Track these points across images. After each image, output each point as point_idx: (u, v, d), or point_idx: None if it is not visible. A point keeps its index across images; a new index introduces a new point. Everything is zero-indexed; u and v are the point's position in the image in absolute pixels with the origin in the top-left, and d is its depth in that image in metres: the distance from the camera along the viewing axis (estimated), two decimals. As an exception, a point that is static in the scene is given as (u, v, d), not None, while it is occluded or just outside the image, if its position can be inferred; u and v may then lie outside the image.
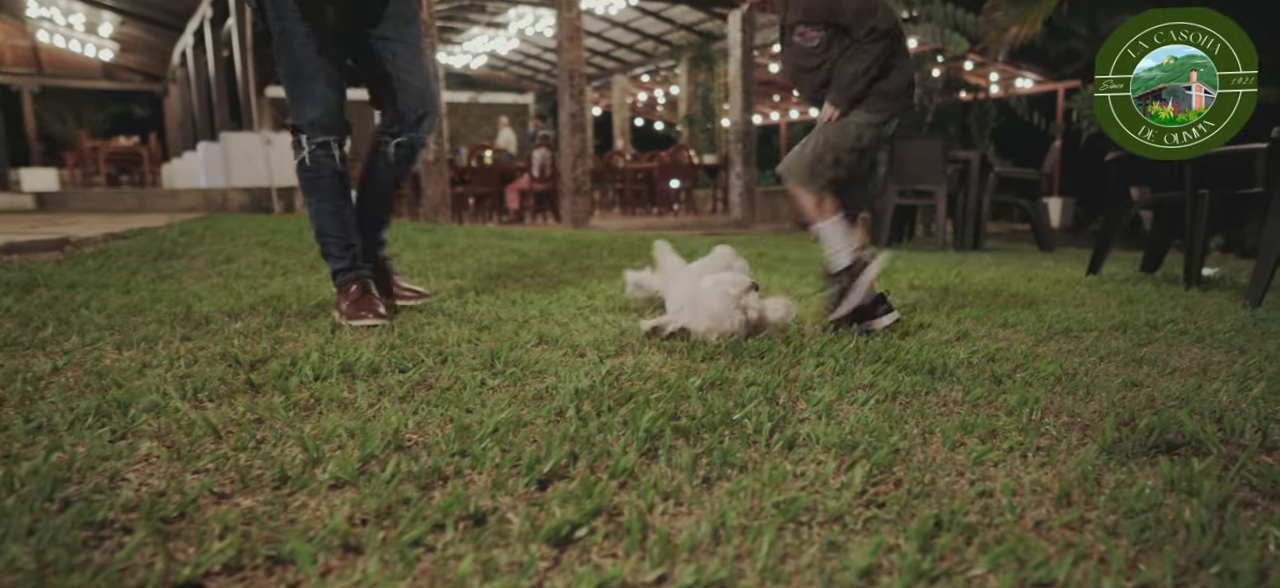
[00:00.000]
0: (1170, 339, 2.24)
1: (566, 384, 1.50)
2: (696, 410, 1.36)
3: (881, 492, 1.05)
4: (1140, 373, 1.81)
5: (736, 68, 11.38)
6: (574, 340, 1.99)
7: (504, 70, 19.53)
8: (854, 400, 1.49)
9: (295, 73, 2.23)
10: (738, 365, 1.76)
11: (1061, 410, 1.45)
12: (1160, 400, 1.53)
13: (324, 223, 2.32)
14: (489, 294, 2.89)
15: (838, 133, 2.14)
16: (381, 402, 1.40)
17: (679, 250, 4.90)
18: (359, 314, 2.21)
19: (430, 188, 10.21)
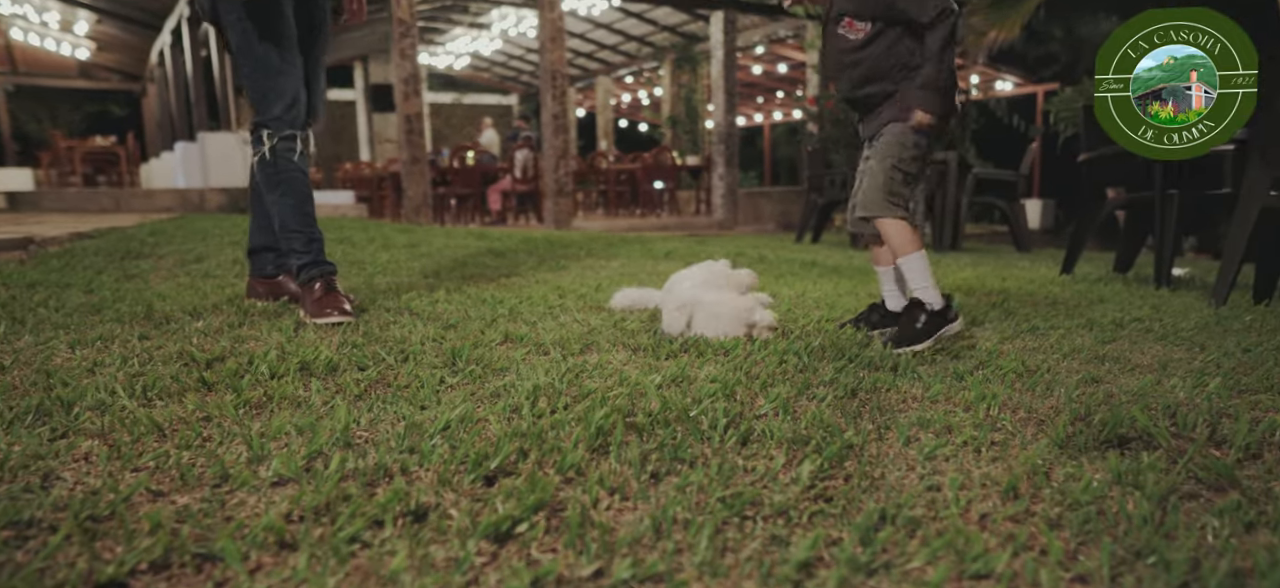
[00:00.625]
0: (1134, 337, 2.26)
1: (525, 382, 1.49)
2: (653, 406, 1.35)
3: (830, 486, 1.04)
4: (1101, 369, 1.82)
5: (719, 69, 11.40)
6: (539, 339, 1.98)
7: (487, 71, 19.46)
8: (813, 396, 1.48)
9: (260, 70, 2.21)
10: (701, 362, 1.75)
11: (1019, 406, 1.46)
12: (1117, 396, 1.54)
13: (286, 218, 2.29)
14: (460, 293, 2.87)
15: (895, 147, 2.02)
16: (335, 400, 1.38)
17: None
18: (324, 312, 2.18)
19: (411, 188, 10.15)
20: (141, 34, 13.62)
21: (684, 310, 2.03)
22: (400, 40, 9.86)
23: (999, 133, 12.35)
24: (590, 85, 18.56)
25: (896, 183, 2.02)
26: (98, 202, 9.03)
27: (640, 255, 4.75)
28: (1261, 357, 1.94)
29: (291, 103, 2.24)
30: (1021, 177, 7.33)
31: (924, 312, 1.98)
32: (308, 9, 2.37)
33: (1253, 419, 1.37)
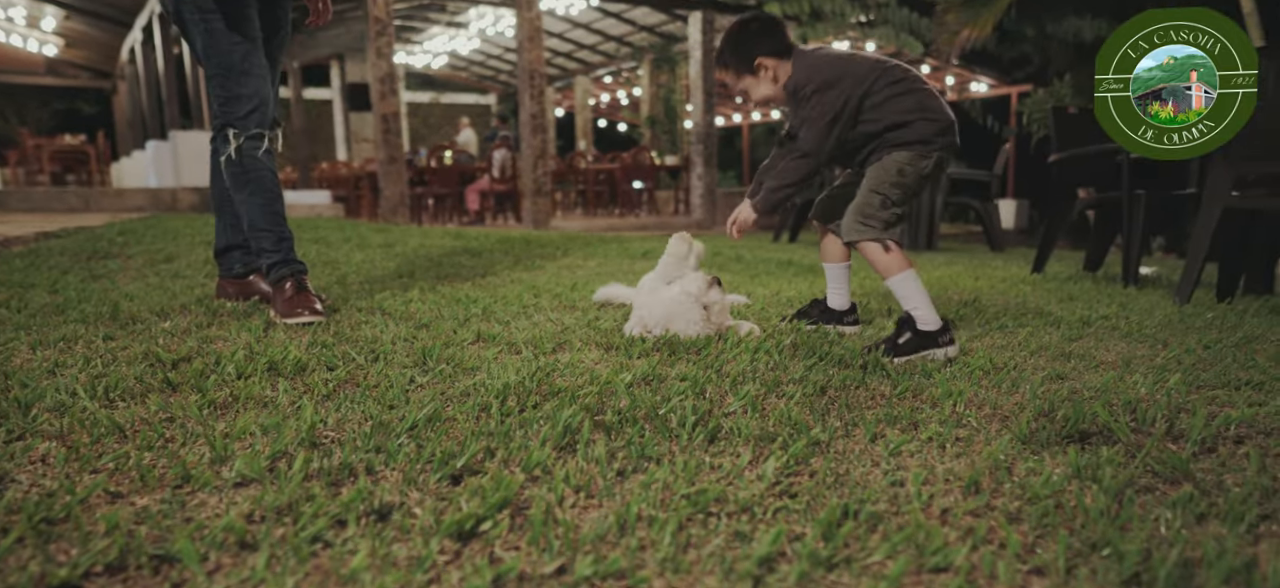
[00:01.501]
0: (1100, 334, 2.30)
1: (495, 381, 1.48)
2: (623, 404, 1.35)
3: (795, 482, 1.05)
4: (1066, 366, 1.85)
5: (697, 70, 11.43)
6: (512, 338, 1.97)
7: (465, 70, 19.36)
8: (782, 394, 1.50)
9: (226, 70, 2.18)
10: (672, 361, 1.76)
11: (984, 403, 1.48)
12: (1081, 392, 1.57)
13: (255, 217, 2.27)
14: (434, 293, 2.85)
15: (876, 172, 2.04)
16: (302, 400, 1.37)
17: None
18: (294, 312, 2.16)
19: (388, 188, 10.07)
20: (111, 30, 13.39)
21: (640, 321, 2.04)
22: (376, 39, 9.79)
23: (973, 133, 12.49)
24: (569, 85, 18.52)
25: (873, 208, 2.01)
26: (66, 201, 8.87)
27: (617, 255, 4.76)
28: (1220, 353, 1.98)
29: (258, 103, 2.21)
30: (995, 177, 7.43)
31: (911, 330, 1.94)
32: (271, 9, 2.35)
33: (1209, 414, 1.40)
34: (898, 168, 2.01)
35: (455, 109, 20.40)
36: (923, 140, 2.01)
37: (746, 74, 2.09)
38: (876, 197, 2.01)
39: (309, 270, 2.36)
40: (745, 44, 2.07)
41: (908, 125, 2.01)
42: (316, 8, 2.39)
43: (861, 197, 2.04)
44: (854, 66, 2.02)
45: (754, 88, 2.11)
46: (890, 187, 2.01)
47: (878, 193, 2.01)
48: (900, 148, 2.02)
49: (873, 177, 2.04)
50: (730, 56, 2.11)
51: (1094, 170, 4.63)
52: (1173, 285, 3.89)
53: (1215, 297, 3.19)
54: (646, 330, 2.00)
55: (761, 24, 2.10)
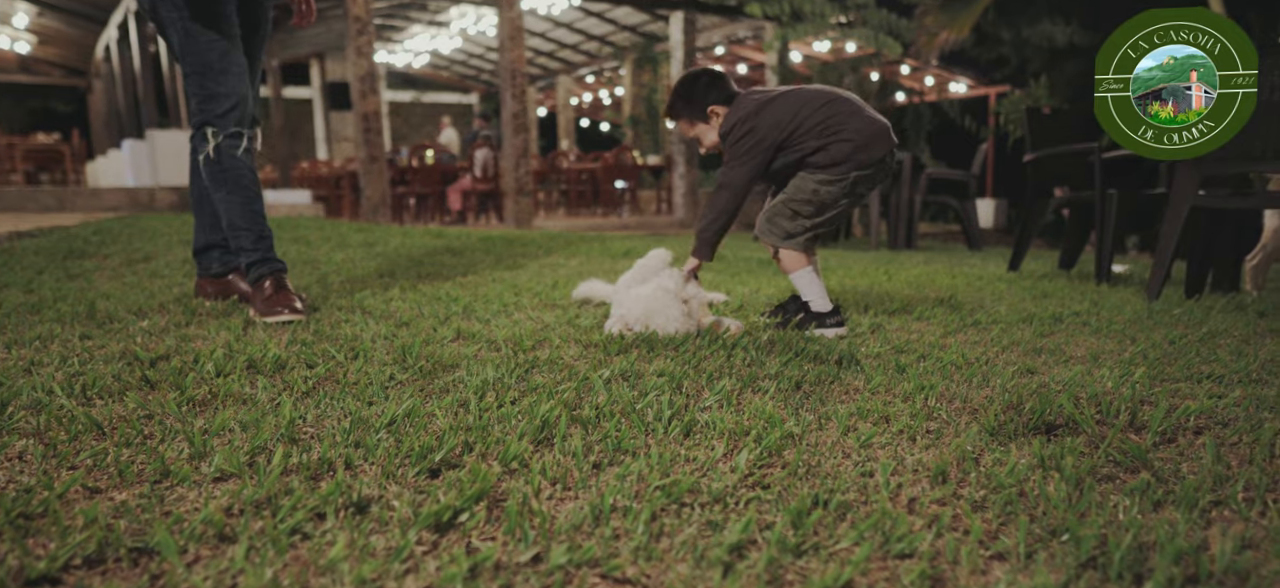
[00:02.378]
0: (1071, 330, 2.35)
1: (474, 377, 1.50)
2: (600, 400, 1.37)
3: (767, 474, 1.07)
4: (1037, 361, 1.89)
5: (679, 69, 11.46)
6: (492, 336, 1.99)
7: (447, 69, 19.28)
8: (758, 389, 1.52)
9: (204, 68, 2.18)
10: (651, 357, 1.78)
11: (955, 396, 1.51)
12: (1049, 386, 1.61)
13: (233, 216, 2.27)
14: (414, 292, 2.85)
15: (793, 189, 2.24)
16: (282, 397, 1.37)
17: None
18: (274, 310, 2.16)
19: (369, 188, 10.02)
20: (86, 28, 13.21)
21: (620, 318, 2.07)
22: (356, 38, 9.73)
23: (952, 134, 12.63)
24: (551, 85, 18.50)
25: (782, 216, 2.26)
26: (40, 200, 8.75)
27: (599, 254, 4.77)
28: (1185, 348, 2.03)
29: (237, 101, 2.21)
30: (973, 176, 7.52)
31: (803, 310, 2.27)
32: (251, 7, 2.34)
33: (1170, 406, 1.45)
34: (812, 188, 2.23)
35: (437, 108, 20.30)
36: (836, 163, 2.19)
37: (699, 121, 2.32)
38: (787, 208, 2.26)
39: (289, 269, 2.36)
40: (698, 94, 2.31)
41: (823, 149, 2.20)
42: (300, 8, 2.39)
43: (776, 204, 2.28)
44: (775, 112, 2.22)
45: (705, 134, 2.34)
46: (802, 202, 2.24)
47: (789, 205, 2.25)
48: (818, 170, 2.21)
49: (790, 190, 2.27)
50: (683, 107, 2.34)
51: (1067, 170, 4.70)
52: (1144, 283, 3.97)
53: (1184, 293, 3.25)
54: (627, 327, 2.03)
55: (711, 77, 2.31)
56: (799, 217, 2.24)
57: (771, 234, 2.28)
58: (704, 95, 2.29)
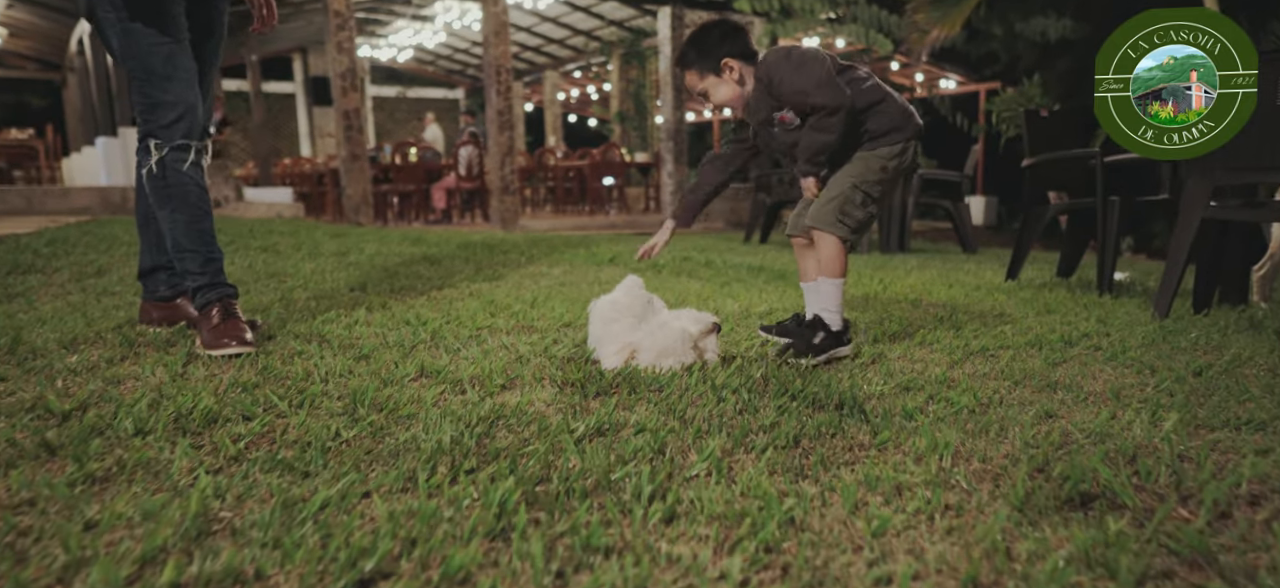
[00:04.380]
0: (1084, 358, 2.19)
1: (430, 438, 1.32)
2: (573, 466, 1.20)
3: (765, 580, 0.90)
4: (1054, 400, 1.73)
5: (667, 65, 11.28)
6: (458, 373, 1.80)
7: (432, 64, 19.00)
8: (751, 447, 1.35)
9: (147, 74, 1.98)
10: (633, 402, 1.60)
11: (972, 455, 1.34)
12: (1074, 436, 1.45)
13: (178, 236, 2.07)
14: (383, 311, 2.66)
15: (862, 168, 2.04)
16: (201, 469, 1.19)
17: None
18: (221, 342, 1.97)
19: (351, 187, 9.78)
20: (58, 20, 12.87)
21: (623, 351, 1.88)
22: (337, 33, 9.48)
23: (943, 131, 12.51)
24: (538, 80, 18.26)
25: (855, 204, 2.03)
26: (9, 202, 8.46)
27: (584, 261, 4.59)
28: (1213, 382, 1.88)
29: (184, 111, 2.01)
30: (966, 177, 7.38)
31: (823, 329, 2.05)
32: (203, 7, 2.14)
33: (1216, 465, 1.28)
34: (881, 164, 2.02)
35: (422, 104, 20.02)
36: (894, 129, 2.01)
37: (710, 74, 2.08)
38: (858, 193, 2.02)
39: (246, 289, 2.17)
40: (713, 44, 2.07)
41: (883, 117, 2.01)
42: (260, 13, 2.19)
43: (843, 189, 2.03)
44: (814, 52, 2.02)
45: (716, 89, 2.09)
46: (873, 183, 2.02)
47: (861, 189, 2.02)
48: (881, 142, 2.02)
49: (856, 171, 2.03)
50: (696, 57, 2.10)
51: (1066, 175, 4.57)
52: (1148, 292, 3.83)
53: (1192, 308, 3.11)
54: (629, 362, 1.85)
55: (730, 26, 2.10)
56: (870, 201, 2.02)
57: (842, 225, 2.01)
58: (718, 45, 2.04)
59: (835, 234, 2.02)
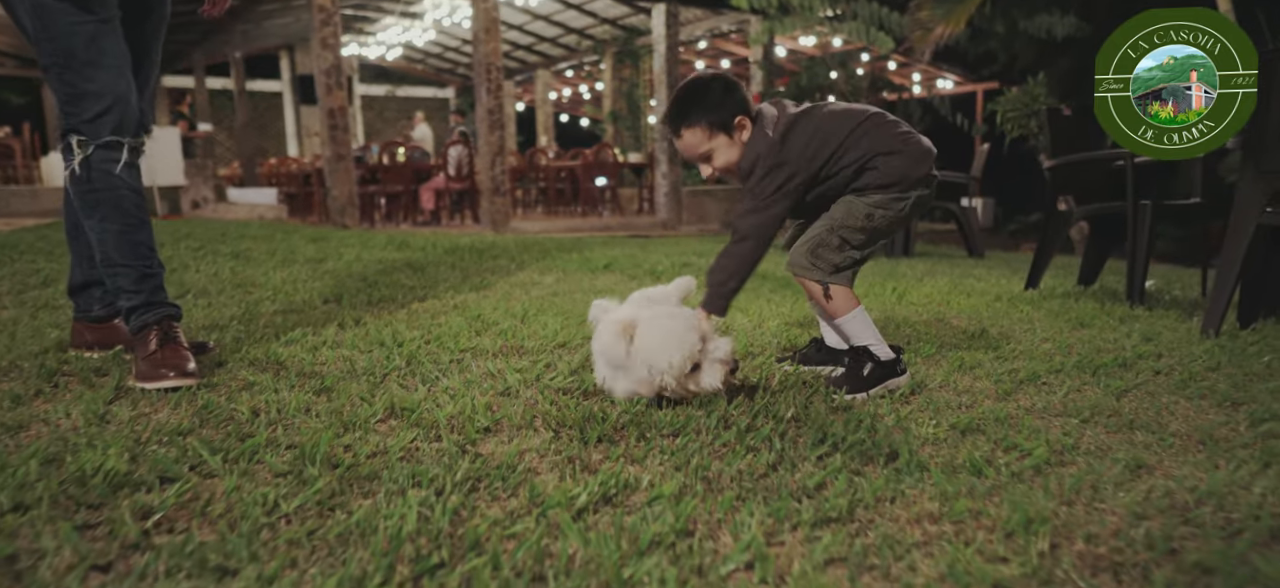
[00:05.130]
0: (1148, 386, 1.93)
1: (392, 515, 1.04)
2: (574, 554, 0.92)
3: None
4: (1136, 444, 1.46)
5: (661, 64, 11.00)
6: (433, 414, 1.52)
7: (422, 63, 18.67)
8: (797, 521, 1.07)
9: (66, 59, 1.69)
10: (644, 453, 1.33)
11: (1073, 530, 1.07)
12: (1183, 500, 1.18)
13: (108, 248, 1.78)
14: (356, 328, 2.38)
15: (844, 212, 1.83)
16: (85, 563, 0.90)
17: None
18: (157, 374, 1.68)
19: (336, 187, 9.47)
20: (35, 16, 12.45)
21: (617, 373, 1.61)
22: (321, 29, 9.17)
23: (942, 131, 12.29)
24: (530, 79, 17.96)
25: (829, 248, 1.84)
26: (-25, 202, 8.12)
27: (578, 267, 4.31)
28: (1316, 422, 1.61)
29: (113, 102, 1.72)
30: (973, 179, 7.14)
31: (871, 360, 1.84)
32: None
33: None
34: (866, 212, 1.82)
35: (412, 103, 19.67)
36: (892, 182, 1.80)
37: (721, 133, 1.81)
38: (835, 237, 1.84)
39: (207, 302, 1.88)
40: (720, 97, 1.80)
41: (871, 169, 1.80)
42: None
43: (820, 230, 1.85)
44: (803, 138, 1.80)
45: (724, 150, 1.83)
46: (854, 230, 1.83)
47: (838, 233, 1.83)
48: (870, 192, 1.82)
49: (839, 214, 1.85)
50: (703, 113, 1.80)
51: (1087, 178, 4.33)
52: (1178, 303, 3.58)
53: (1238, 322, 2.86)
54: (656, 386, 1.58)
55: (731, 80, 1.85)
56: (848, 247, 1.83)
57: (816, 269, 1.84)
58: (727, 98, 1.79)
59: (810, 279, 1.86)
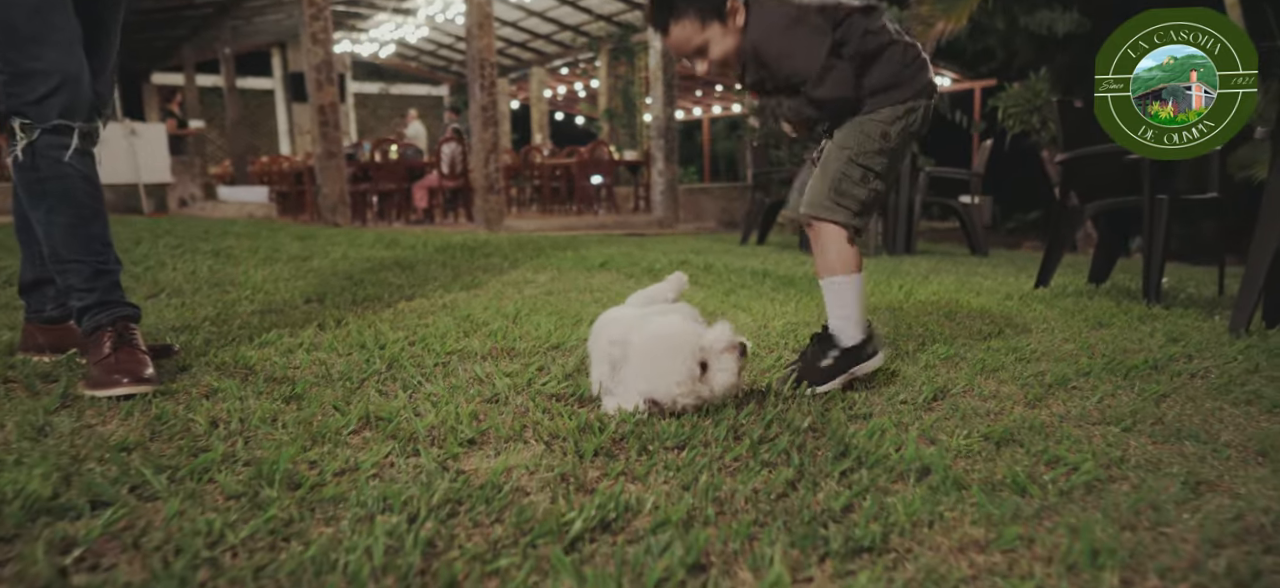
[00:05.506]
0: (1187, 390, 1.79)
1: (355, 548, 0.89)
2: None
3: None
4: (1191, 457, 1.33)
5: (657, 60, 10.85)
6: (412, 425, 1.37)
7: (416, 60, 18.50)
8: (825, 554, 0.93)
9: (8, 34, 1.53)
10: (646, 468, 1.18)
11: (1146, 563, 0.93)
12: (1252, 520, 1.04)
13: (56, 242, 1.63)
14: (337, 329, 2.23)
15: (857, 138, 1.64)
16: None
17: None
18: (109, 381, 1.53)
19: (326, 185, 9.30)
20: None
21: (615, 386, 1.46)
22: (311, 23, 9.01)
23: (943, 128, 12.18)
24: (524, 76, 17.80)
25: (851, 180, 1.64)
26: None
27: (572, 266, 4.16)
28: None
29: (61, 82, 1.57)
30: (976, 175, 7.02)
31: (835, 348, 1.67)
32: None
33: None
34: (881, 130, 1.63)
35: (406, 100, 19.48)
36: (892, 84, 1.63)
37: (713, 21, 1.62)
38: (856, 167, 1.63)
39: (181, 302, 1.73)
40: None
41: (883, 69, 1.63)
42: None
43: (836, 164, 1.64)
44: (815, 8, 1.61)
45: (719, 40, 1.64)
46: (874, 155, 1.63)
47: (858, 163, 1.63)
48: (881, 103, 1.63)
49: (851, 140, 1.64)
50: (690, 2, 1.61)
51: (1098, 172, 4.21)
52: (1195, 301, 3.46)
53: (1265, 322, 2.73)
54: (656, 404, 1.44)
55: None
56: (872, 176, 1.64)
57: (841, 208, 1.63)
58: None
59: (833, 220, 1.65)
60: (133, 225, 5.44)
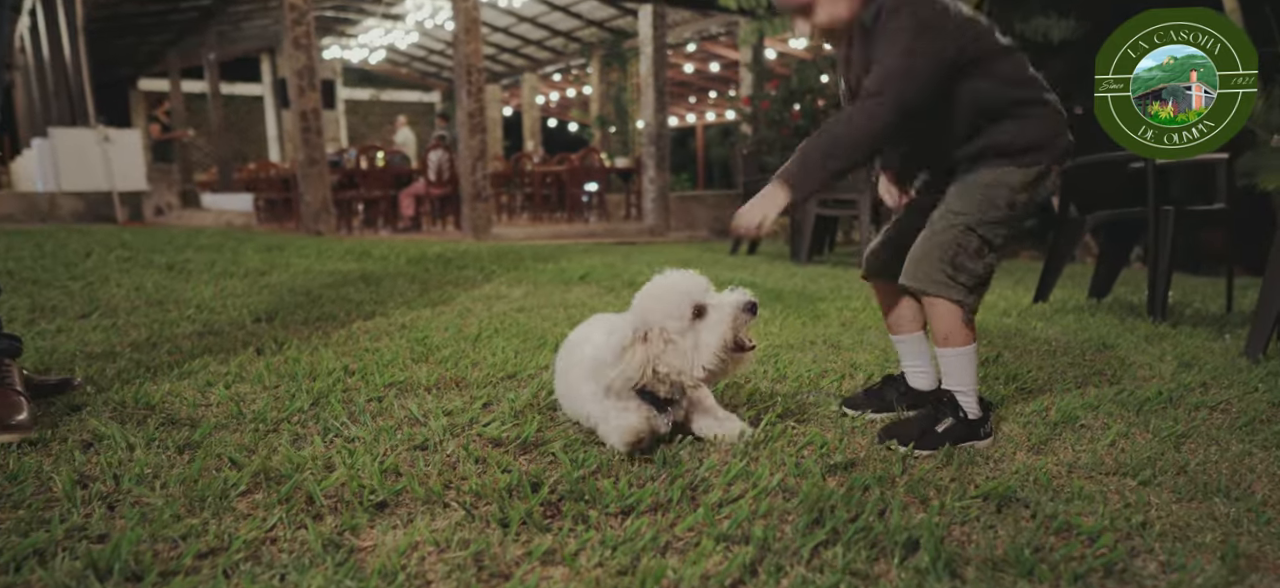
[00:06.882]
0: (1206, 427, 1.61)
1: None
2: None
3: None
4: (1224, 519, 1.14)
5: (649, 66, 10.68)
6: (320, 478, 1.17)
7: (406, 66, 18.31)
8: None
9: None
10: (579, 545, 0.98)
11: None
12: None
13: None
14: (275, 354, 2.03)
15: (979, 204, 1.41)
16: None
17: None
18: (-21, 425, 1.32)
19: (309, 193, 9.08)
20: (2, 16, 12.04)
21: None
22: (293, 28, 8.80)
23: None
24: (516, 83, 17.62)
25: (968, 254, 1.40)
26: (-75, 208, 7.71)
27: (550, 280, 3.96)
28: None
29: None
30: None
31: (953, 417, 1.44)
32: None
33: None
34: (1010, 193, 1.40)
35: (396, 107, 19.29)
36: (1043, 149, 1.43)
37: None
38: (973, 238, 1.39)
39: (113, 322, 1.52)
40: None
41: (1031, 128, 1.42)
42: None
43: (950, 233, 1.40)
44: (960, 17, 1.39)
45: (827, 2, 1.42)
46: (996, 226, 1.41)
47: (978, 232, 1.40)
48: (1009, 161, 1.41)
49: (969, 205, 1.41)
50: None
51: (1098, 183, 4.04)
52: (1202, 318, 3.27)
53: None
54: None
55: None
56: (988, 249, 1.42)
57: (956, 284, 1.40)
58: None
59: (950, 299, 1.41)
60: (90, 236, 5.22)
